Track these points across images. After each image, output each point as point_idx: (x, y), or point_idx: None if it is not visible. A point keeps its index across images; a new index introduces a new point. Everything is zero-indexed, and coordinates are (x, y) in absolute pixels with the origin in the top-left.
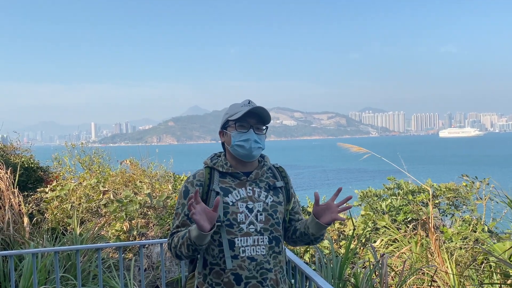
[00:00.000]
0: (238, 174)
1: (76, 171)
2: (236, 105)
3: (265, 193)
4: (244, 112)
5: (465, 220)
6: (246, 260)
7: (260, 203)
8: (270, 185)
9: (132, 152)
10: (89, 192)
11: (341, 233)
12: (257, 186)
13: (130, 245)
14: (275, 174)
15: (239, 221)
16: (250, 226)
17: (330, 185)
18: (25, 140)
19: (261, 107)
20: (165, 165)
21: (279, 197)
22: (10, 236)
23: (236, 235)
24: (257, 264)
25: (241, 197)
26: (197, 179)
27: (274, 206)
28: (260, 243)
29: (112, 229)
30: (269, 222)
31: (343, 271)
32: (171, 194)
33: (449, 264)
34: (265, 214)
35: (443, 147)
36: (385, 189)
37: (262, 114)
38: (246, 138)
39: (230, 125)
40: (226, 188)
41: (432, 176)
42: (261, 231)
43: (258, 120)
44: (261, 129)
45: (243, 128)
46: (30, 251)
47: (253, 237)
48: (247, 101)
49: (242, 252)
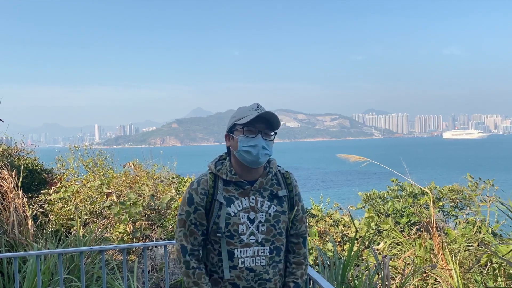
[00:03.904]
0: (242, 183)
1: (79, 173)
2: (244, 108)
3: (268, 203)
4: (253, 116)
5: (469, 222)
6: (244, 270)
7: (263, 213)
8: (274, 194)
9: (136, 154)
10: (92, 194)
11: (345, 235)
12: (260, 195)
13: (134, 247)
14: (280, 182)
15: (240, 232)
16: (251, 237)
17: (332, 187)
18: (29, 142)
19: (271, 112)
20: (169, 167)
21: (282, 206)
22: (14, 238)
23: (236, 246)
24: (255, 275)
25: (243, 207)
26: (201, 187)
27: (277, 216)
28: (260, 254)
29: (115, 231)
30: (271, 233)
31: (346, 274)
32: (175, 196)
33: (453, 265)
34: (267, 224)
35: (447, 149)
36: (389, 191)
37: (271, 119)
38: (254, 144)
39: (237, 129)
40: (229, 197)
41: (435, 178)
42: (262, 242)
43: (267, 125)
44: (269, 134)
45: (251, 133)
46: (34, 253)
47: (254, 248)
48: (255, 104)
49: (241, 263)
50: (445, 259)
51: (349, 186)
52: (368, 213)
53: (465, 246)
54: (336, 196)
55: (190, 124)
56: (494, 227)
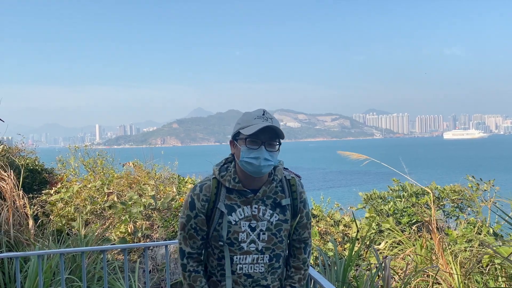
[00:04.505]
0: (245, 192)
1: (80, 173)
2: (249, 115)
3: (270, 211)
4: (256, 129)
5: (470, 222)
6: (242, 276)
7: (264, 222)
8: (277, 202)
9: (137, 154)
10: (93, 194)
11: (345, 235)
12: (263, 203)
13: (135, 247)
14: (284, 189)
15: (240, 240)
16: (251, 244)
17: (333, 186)
18: (30, 142)
19: (275, 126)
20: (170, 167)
21: (285, 214)
22: (15, 238)
23: (235, 253)
24: (253, 281)
25: (245, 215)
26: (203, 193)
27: (279, 225)
28: (260, 262)
29: (116, 231)
30: (271, 241)
31: (346, 274)
32: (176, 196)
33: (453, 266)
34: (268, 233)
35: (447, 149)
36: (390, 191)
37: (275, 130)
38: (256, 156)
39: (241, 137)
40: (231, 205)
41: (435, 178)
42: (262, 250)
43: (272, 134)
44: (274, 145)
45: (254, 145)
46: (36, 253)
47: (253, 256)
48: (261, 111)
49: (239, 269)
50: (446, 259)
51: (349, 186)
52: (369, 213)
53: (465, 247)
54: (337, 196)
55: (190, 124)
56: (495, 228)
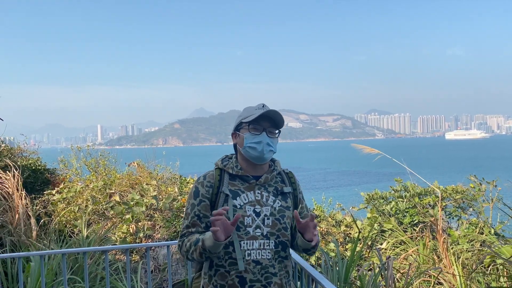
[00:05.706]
0: (248, 177)
1: (82, 174)
2: (250, 108)
3: (273, 198)
4: (258, 115)
5: (472, 222)
6: (251, 263)
7: (268, 207)
8: (278, 190)
9: (138, 154)
10: (95, 195)
11: (347, 235)
12: (265, 190)
13: (137, 247)
14: (284, 179)
15: (246, 224)
16: (257, 230)
17: (334, 186)
18: (32, 142)
19: (275, 111)
20: (172, 167)
21: (287, 202)
22: (17, 238)
23: (242, 238)
24: (262, 268)
25: (249, 200)
26: (207, 180)
27: (281, 211)
28: (266, 247)
29: (118, 231)
30: (276, 226)
31: (348, 274)
32: (177, 197)
33: (456, 266)
34: (272, 218)
35: (449, 150)
36: (392, 191)
37: (275, 118)
38: (259, 141)
39: (243, 127)
40: (235, 190)
41: (437, 179)
42: (267, 235)
43: (272, 123)
44: (274, 132)
45: (256, 131)
46: (38, 253)
47: (259, 241)
48: (261, 104)
49: (248, 255)
50: (449, 259)
51: (350, 186)
52: (371, 213)
53: (467, 247)
54: (338, 197)
55: (192, 125)
56: (497, 228)
